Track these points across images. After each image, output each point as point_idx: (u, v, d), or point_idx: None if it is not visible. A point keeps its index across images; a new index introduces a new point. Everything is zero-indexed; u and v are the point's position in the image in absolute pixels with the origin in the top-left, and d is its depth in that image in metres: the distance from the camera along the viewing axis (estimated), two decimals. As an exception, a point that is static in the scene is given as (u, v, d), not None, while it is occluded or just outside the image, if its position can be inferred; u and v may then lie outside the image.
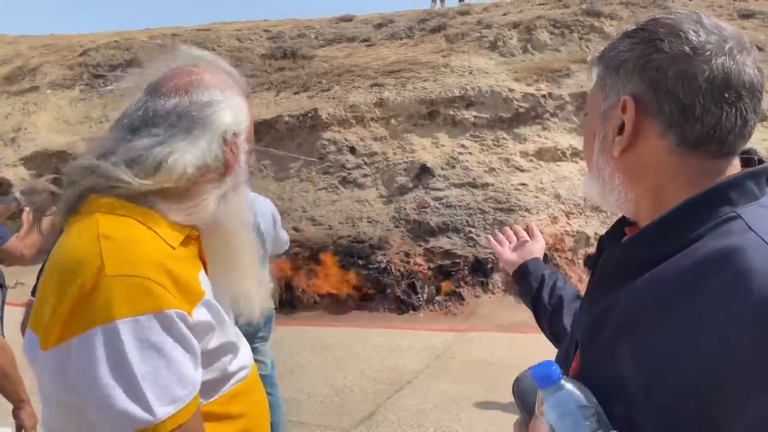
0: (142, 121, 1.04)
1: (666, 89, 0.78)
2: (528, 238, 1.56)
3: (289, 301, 7.60)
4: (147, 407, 0.88)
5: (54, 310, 0.92)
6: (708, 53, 0.77)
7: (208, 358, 1.01)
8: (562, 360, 0.95)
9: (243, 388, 1.10)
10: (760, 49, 9.51)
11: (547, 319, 1.37)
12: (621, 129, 0.82)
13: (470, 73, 9.62)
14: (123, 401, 0.88)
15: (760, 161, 0.84)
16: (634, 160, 0.82)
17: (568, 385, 0.73)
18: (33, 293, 1.84)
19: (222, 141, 1.07)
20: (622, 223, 0.94)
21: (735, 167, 0.81)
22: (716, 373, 0.68)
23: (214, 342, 1.02)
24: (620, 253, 0.85)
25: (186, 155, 1.02)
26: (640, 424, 0.72)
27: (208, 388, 1.02)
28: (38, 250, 4.27)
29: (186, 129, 1.04)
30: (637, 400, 0.73)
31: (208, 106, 1.06)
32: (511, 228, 1.62)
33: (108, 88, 11.83)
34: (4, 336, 2.42)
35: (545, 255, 1.58)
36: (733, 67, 0.77)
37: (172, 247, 1.01)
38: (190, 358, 0.94)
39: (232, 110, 1.09)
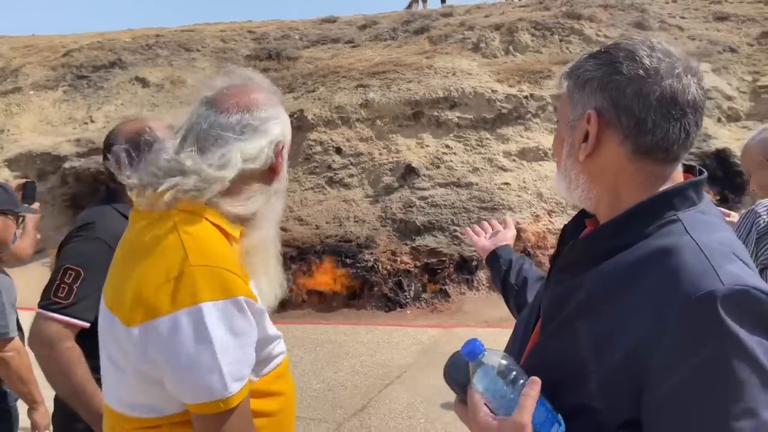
0: (207, 133, 1.18)
1: (624, 105, 0.93)
2: (501, 229, 1.75)
3: (277, 299, 7.70)
4: (223, 382, 1.03)
5: (138, 292, 1.06)
6: (659, 76, 0.92)
7: (263, 340, 1.16)
8: (522, 329, 1.09)
9: (282, 370, 1.25)
10: (733, 51, 9.80)
11: (514, 297, 1.55)
12: (586, 137, 0.97)
13: (453, 74, 9.79)
14: (204, 375, 1.02)
15: (701, 172, 1.00)
16: (596, 163, 0.97)
17: (490, 354, 0.88)
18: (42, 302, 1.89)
19: (273, 148, 1.24)
20: (583, 215, 1.10)
21: (679, 173, 0.98)
22: (646, 352, 0.83)
23: (264, 327, 1.17)
24: (581, 246, 0.99)
25: (241, 152, 1.18)
26: (590, 387, 0.88)
27: (258, 368, 1.16)
28: (34, 250, 4.34)
29: (246, 137, 1.20)
30: (589, 367, 0.88)
31: (266, 120, 1.23)
32: (488, 221, 1.81)
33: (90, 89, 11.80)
34: (21, 337, 2.49)
35: (527, 252, 1.76)
36: (680, 88, 0.92)
37: (231, 241, 1.17)
38: (254, 340, 1.10)
39: (282, 124, 1.28)
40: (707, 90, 8.30)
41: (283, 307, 7.67)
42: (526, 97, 9.19)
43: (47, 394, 1.96)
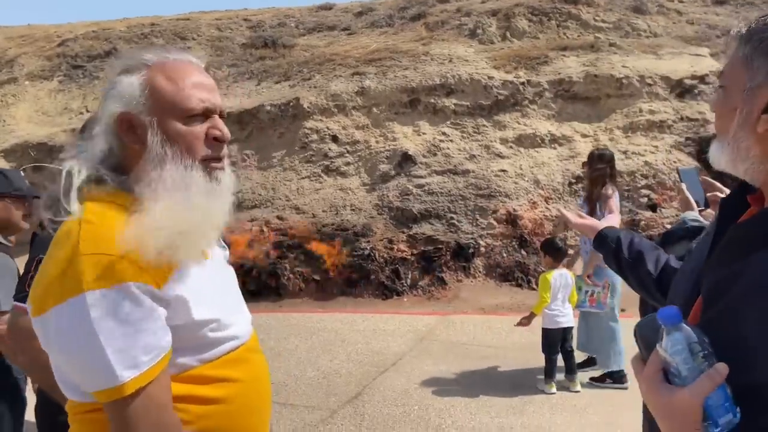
0: None
1: None
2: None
3: (275, 288, 7.71)
4: (111, 370, 1.01)
5: (38, 284, 1.07)
6: None
7: (190, 328, 1.12)
8: (681, 302, 1.00)
9: (237, 356, 1.21)
10: (731, 35, 9.71)
11: (631, 271, 1.58)
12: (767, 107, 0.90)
13: (450, 61, 9.74)
14: (93, 364, 1.02)
15: None
16: None
17: (686, 327, 0.85)
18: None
19: (114, 127, 1.16)
20: (744, 190, 1.03)
21: None
22: None
23: (194, 313, 1.12)
24: (752, 224, 0.93)
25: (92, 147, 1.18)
26: (759, 368, 0.83)
27: (197, 353, 1.14)
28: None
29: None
30: (760, 357, 0.83)
31: (104, 100, 1.18)
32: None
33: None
34: None
35: (524, 239, 1.79)
36: None
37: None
38: (152, 326, 1.05)
39: (119, 94, 1.16)
40: (705, 75, 8.21)
41: (280, 296, 7.69)
42: (522, 84, 9.15)
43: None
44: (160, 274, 1.07)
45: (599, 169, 4.59)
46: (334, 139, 9.21)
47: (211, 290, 1.18)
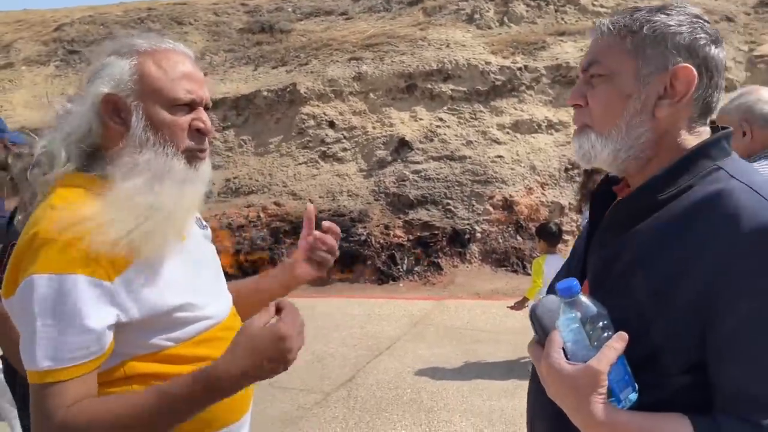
0: None
1: (707, 65, 0.95)
2: None
3: (271, 274, 7.75)
4: (33, 356, 1.03)
5: (10, 267, 1.09)
6: (719, 42, 0.97)
7: (157, 312, 1.11)
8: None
9: (213, 335, 1.21)
10: (730, 20, 9.70)
11: None
12: (664, 93, 0.96)
13: (447, 46, 9.70)
14: (23, 346, 1.05)
15: (723, 127, 1.03)
16: (669, 121, 0.97)
17: (584, 298, 0.88)
18: None
19: (98, 108, 1.15)
20: (609, 184, 1.11)
21: (707, 131, 1.02)
22: (713, 286, 0.85)
23: (159, 299, 1.12)
24: (632, 200, 0.99)
25: (69, 116, 1.17)
26: (653, 338, 0.89)
27: (166, 334, 1.14)
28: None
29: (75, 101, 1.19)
30: (650, 318, 0.89)
31: (89, 79, 1.18)
32: None
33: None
34: None
35: (520, 224, 1.76)
36: (722, 55, 0.99)
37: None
38: (87, 325, 1.03)
39: (108, 76, 1.15)
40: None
41: (277, 281, 7.73)
42: (520, 69, 9.12)
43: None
44: (115, 265, 1.06)
45: None
46: (331, 124, 9.20)
47: (182, 272, 1.17)
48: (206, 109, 1.23)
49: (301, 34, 11.29)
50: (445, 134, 8.76)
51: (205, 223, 1.40)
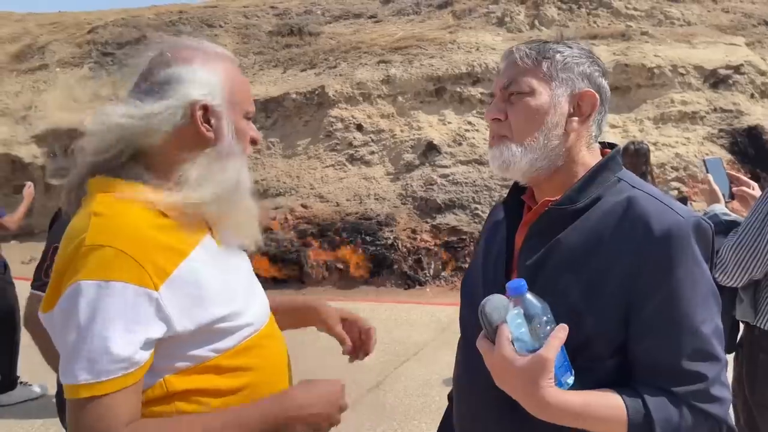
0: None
1: (602, 94, 1.17)
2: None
3: (298, 276, 7.75)
4: (73, 369, 0.98)
5: (52, 280, 1.05)
6: (606, 75, 1.20)
7: (201, 323, 1.07)
8: (487, 290, 1.14)
9: (253, 343, 1.17)
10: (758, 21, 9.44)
11: None
12: (573, 112, 1.15)
13: (477, 49, 9.62)
14: (66, 356, 1.00)
15: (611, 145, 1.23)
16: (575, 137, 1.16)
17: (531, 296, 0.98)
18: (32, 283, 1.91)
19: (188, 112, 1.12)
20: (518, 193, 1.27)
21: (598, 147, 1.22)
22: (635, 277, 1.03)
23: (211, 303, 1.09)
24: (554, 211, 1.13)
25: (123, 120, 1.10)
26: (586, 328, 1.03)
27: (208, 345, 1.09)
28: (17, 226, 4.58)
29: (142, 101, 1.12)
30: (582, 312, 1.04)
31: (167, 81, 1.13)
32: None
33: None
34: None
35: None
36: (608, 86, 1.21)
37: (160, 218, 1.09)
38: (131, 335, 0.99)
39: (199, 83, 1.13)
40: (740, 65, 7.99)
41: (303, 283, 7.72)
42: (550, 73, 8.99)
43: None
44: (160, 272, 1.03)
45: (639, 166, 4.43)
46: (359, 127, 9.18)
47: (221, 281, 1.14)
48: None
49: (330, 37, 11.30)
50: (473, 138, 8.68)
51: None
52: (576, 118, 1.15)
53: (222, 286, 1.13)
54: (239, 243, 1.24)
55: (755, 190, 2.26)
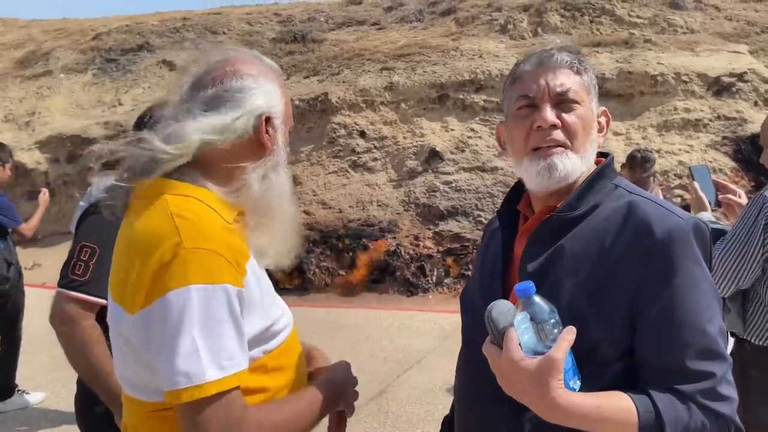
0: (178, 110, 1.18)
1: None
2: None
3: (300, 283, 7.73)
4: (200, 367, 1.00)
5: (138, 280, 1.05)
6: None
7: (263, 325, 1.15)
8: (487, 298, 1.13)
9: (288, 344, 1.24)
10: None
11: None
12: (599, 126, 1.21)
13: (480, 56, 9.63)
14: (184, 358, 1.00)
15: (605, 154, 1.24)
16: (596, 148, 1.19)
17: (539, 298, 0.98)
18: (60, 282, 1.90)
19: (255, 121, 1.19)
20: (513, 203, 1.28)
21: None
22: (639, 280, 1.04)
23: (264, 306, 1.16)
24: (554, 219, 1.13)
25: (201, 125, 1.14)
26: (593, 333, 1.03)
27: (261, 346, 1.15)
28: (33, 233, 4.60)
29: (216, 109, 1.17)
30: (588, 317, 1.03)
31: (239, 90, 1.19)
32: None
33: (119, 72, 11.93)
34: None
35: None
36: None
37: (228, 222, 1.14)
38: (238, 333, 1.06)
39: (265, 95, 1.21)
40: (744, 73, 7.96)
41: (306, 290, 7.71)
42: (554, 80, 8.99)
43: (70, 375, 1.96)
44: (243, 271, 1.10)
45: (645, 173, 4.42)
46: (362, 134, 9.18)
47: (266, 284, 1.21)
48: None
49: (334, 44, 11.33)
50: (476, 145, 8.68)
51: None
52: (602, 132, 1.21)
53: (267, 289, 1.21)
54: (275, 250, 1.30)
55: (741, 198, 2.24)
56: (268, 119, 1.20)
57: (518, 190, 1.29)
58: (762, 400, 2.03)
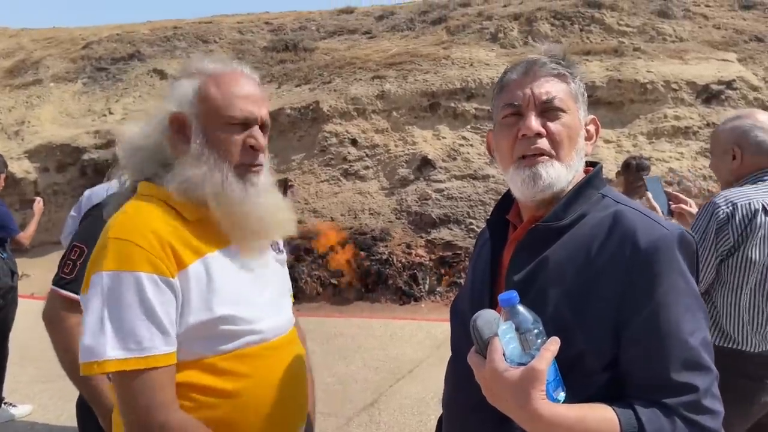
0: None
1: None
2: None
3: (292, 292, 7.68)
4: (101, 345, 1.08)
5: (87, 269, 1.19)
6: None
7: (206, 319, 1.18)
8: (476, 306, 1.14)
9: (253, 352, 1.24)
10: (760, 40, 9.53)
11: None
12: (587, 135, 1.20)
13: (471, 65, 9.66)
14: (90, 336, 1.09)
15: (593, 163, 1.23)
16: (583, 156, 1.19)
17: (522, 308, 0.97)
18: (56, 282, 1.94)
19: (166, 125, 1.28)
20: (502, 213, 1.28)
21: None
22: (623, 291, 1.03)
23: (209, 301, 1.19)
24: (541, 228, 1.13)
25: (142, 128, 1.30)
26: (577, 342, 1.02)
27: (211, 343, 1.19)
28: (29, 241, 4.55)
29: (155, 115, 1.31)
30: (572, 326, 1.03)
31: (166, 99, 1.30)
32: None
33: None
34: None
35: None
36: None
37: (187, 219, 1.23)
38: (150, 319, 1.11)
39: (174, 98, 1.29)
40: (732, 81, 8.02)
41: (298, 299, 7.65)
42: (544, 88, 9.03)
43: (57, 387, 1.96)
44: (174, 264, 1.16)
45: (639, 180, 4.42)
46: (354, 142, 9.17)
47: (236, 287, 1.23)
48: (263, 127, 1.34)
49: (325, 53, 11.34)
50: (468, 153, 8.69)
51: (282, 248, 1.54)
52: (590, 141, 1.20)
53: (233, 291, 1.23)
54: (269, 243, 1.37)
55: (692, 207, 2.36)
56: (181, 118, 1.27)
57: (509, 198, 1.28)
58: None
